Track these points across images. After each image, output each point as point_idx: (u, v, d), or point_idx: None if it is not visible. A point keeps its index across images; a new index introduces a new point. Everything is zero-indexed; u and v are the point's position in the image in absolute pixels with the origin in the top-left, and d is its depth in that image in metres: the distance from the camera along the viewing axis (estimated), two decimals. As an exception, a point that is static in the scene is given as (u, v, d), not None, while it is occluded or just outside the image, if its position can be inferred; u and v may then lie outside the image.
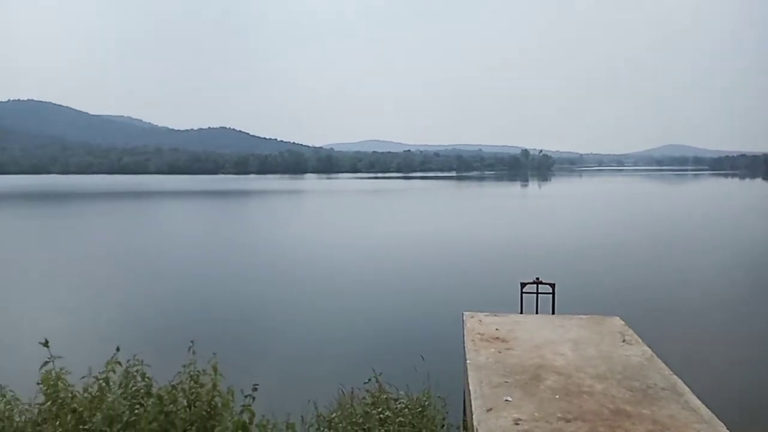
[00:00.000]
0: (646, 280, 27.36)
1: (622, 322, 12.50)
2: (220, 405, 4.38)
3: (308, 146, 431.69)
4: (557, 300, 14.50)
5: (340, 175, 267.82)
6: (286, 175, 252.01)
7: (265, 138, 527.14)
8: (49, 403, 4.19)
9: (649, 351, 10.37)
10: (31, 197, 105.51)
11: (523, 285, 14.61)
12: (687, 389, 8.42)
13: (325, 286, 26.70)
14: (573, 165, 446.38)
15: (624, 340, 10.95)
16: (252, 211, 77.00)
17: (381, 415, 6.86)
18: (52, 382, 4.20)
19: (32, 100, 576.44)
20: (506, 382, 8.99)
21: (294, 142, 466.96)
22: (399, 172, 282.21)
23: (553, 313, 14.41)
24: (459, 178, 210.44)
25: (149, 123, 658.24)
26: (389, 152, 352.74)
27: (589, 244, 39.41)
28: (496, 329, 12.11)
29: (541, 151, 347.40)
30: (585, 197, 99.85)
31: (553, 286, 14.50)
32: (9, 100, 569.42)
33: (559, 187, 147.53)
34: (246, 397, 4.28)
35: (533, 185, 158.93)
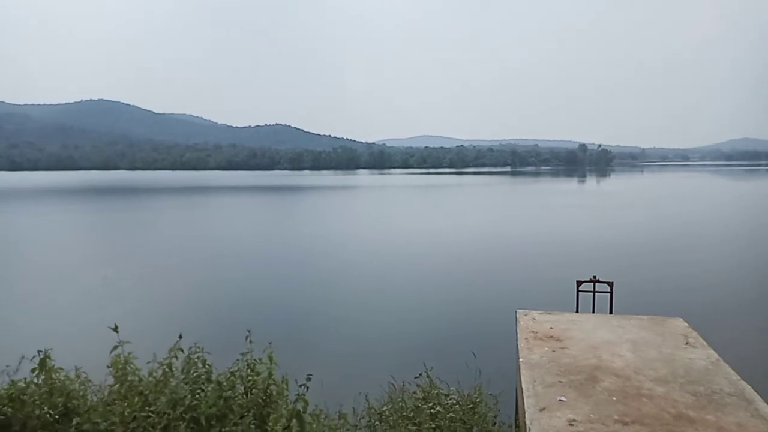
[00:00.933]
0: (711, 281, 25.98)
1: (686, 324, 11.94)
2: (275, 393, 4.52)
3: (361, 142, 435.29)
4: (615, 299, 14.03)
5: (392, 170, 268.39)
6: (339, 171, 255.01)
7: (319, 134, 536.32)
8: (118, 385, 4.46)
9: (715, 354, 9.87)
10: (101, 192, 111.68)
11: (579, 283, 14.20)
12: (757, 396, 7.96)
13: (376, 281, 26.92)
14: (634, 160, 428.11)
15: (687, 343, 10.47)
16: (305, 207, 78.48)
17: (432, 410, 6.87)
18: (120, 366, 4.46)
19: (103, 99, 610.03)
20: (560, 381, 8.79)
21: (347, 138, 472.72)
22: (451, 168, 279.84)
23: (611, 312, 13.95)
24: (513, 174, 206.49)
25: (209, 120, 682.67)
26: (441, 147, 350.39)
27: (649, 242, 37.82)
28: (551, 327, 11.85)
29: (599, 145, 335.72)
30: (646, 193, 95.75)
31: (611, 284, 14.03)
32: (82, 100, 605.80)
33: (618, 183, 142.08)
34: (300, 386, 4.40)
35: (591, 181, 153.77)
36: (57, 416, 4.06)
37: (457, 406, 7.13)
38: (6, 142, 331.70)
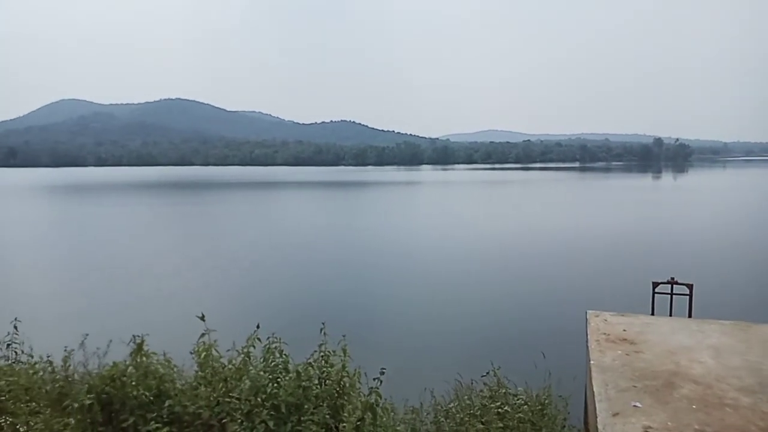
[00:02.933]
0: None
1: (775, 331, 11.13)
2: (347, 385, 4.67)
3: (424, 137, 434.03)
4: (694, 303, 13.30)
5: (456, 166, 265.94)
6: (402, 167, 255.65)
7: (383, 130, 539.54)
8: (203, 370, 4.76)
9: (809, 366, 9.17)
10: (178, 186, 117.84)
11: (655, 285, 13.56)
12: None
13: (442, 277, 26.86)
14: (716, 155, 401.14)
15: (776, 352, 9.77)
16: (370, 202, 79.33)
17: (500, 410, 6.81)
18: (205, 353, 4.76)
19: (179, 99, 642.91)
20: (634, 386, 8.47)
21: (411, 134, 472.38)
22: (517, 163, 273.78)
23: (690, 316, 13.25)
24: (582, 169, 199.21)
25: (277, 117, 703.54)
26: (507, 142, 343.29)
27: (732, 242, 35.46)
28: (624, 330, 11.40)
29: (677, 139, 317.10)
30: (728, 191, 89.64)
31: (690, 287, 13.29)
32: (161, 99, 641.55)
33: (697, 179, 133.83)
34: (374, 380, 4.52)
35: (667, 177, 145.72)
36: (151, 397, 4.39)
37: (526, 406, 7.03)
38: (93, 140, 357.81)
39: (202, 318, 4.81)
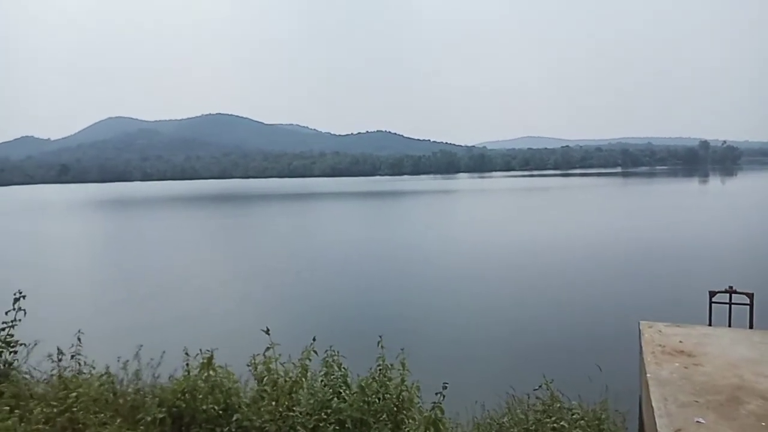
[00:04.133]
0: None
1: None
2: (406, 399, 4.67)
3: (461, 146, 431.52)
4: (756, 313, 12.71)
5: (493, 173, 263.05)
6: (439, 175, 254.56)
7: (418, 139, 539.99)
8: (261, 385, 4.84)
9: None
10: (219, 199, 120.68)
11: (712, 294, 13.03)
12: None
13: (487, 286, 26.50)
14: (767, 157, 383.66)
15: None
16: (406, 211, 79.25)
17: (555, 425, 6.66)
18: (267, 366, 4.84)
19: (220, 113, 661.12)
20: (696, 401, 8.15)
21: (446, 142, 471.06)
22: (556, 169, 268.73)
23: (751, 327, 12.66)
24: (625, 175, 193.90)
25: (314, 129, 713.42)
26: (545, 148, 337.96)
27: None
28: (680, 341, 10.99)
29: (724, 141, 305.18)
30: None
31: (750, 296, 12.72)
32: (202, 114, 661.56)
33: (748, 182, 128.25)
34: (436, 394, 4.50)
35: (715, 181, 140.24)
36: (220, 411, 4.50)
37: (583, 421, 6.86)
38: (139, 155, 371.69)
39: (267, 332, 4.90)
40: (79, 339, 6.72)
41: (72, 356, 6.61)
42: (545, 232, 45.75)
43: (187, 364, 5.74)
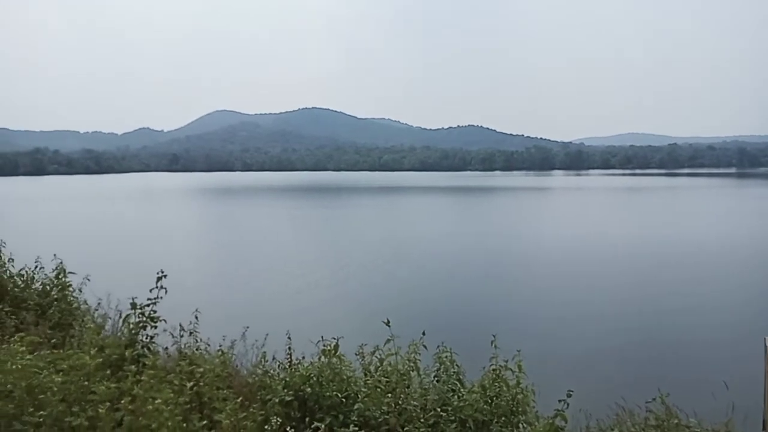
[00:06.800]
0: None
1: None
2: (521, 402, 4.56)
3: (556, 141, 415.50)
4: None
5: (591, 171, 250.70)
6: (532, 172, 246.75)
7: (511, 134, 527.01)
8: (380, 376, 4.94)
9: None
10: (313, 190, 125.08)
11: None
12: None
13: (592, 290, 25.17)
14: None
15: None
16: (497, 207, 77.58)
17: (672, 443, 6.22)
18: (379, 358, 4.93)
19: (316, 107, 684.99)
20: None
21: (541, 138, 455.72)
22: (661, 168, 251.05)
23: None
24: (740, 176, 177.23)
25: (405, 123, 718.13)
26: (649, 146, 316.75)
27: None
28: (814, 363, 9.91)
29: None
30: None
31: None
32: (299, 108, 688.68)
33: None
34: (560, 401, 4.36)
35: None
36: (342, 399, 4.64)
37: (705, 442, 6.35)
38: (240, 147, 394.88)
39: (387, 323, 4.98)
40: (196, 317, 7.25)
41: (190, 333, 7.13)
42: (652, 235, 42.88)
43: (303, 355, 5.98)
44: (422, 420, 4.27)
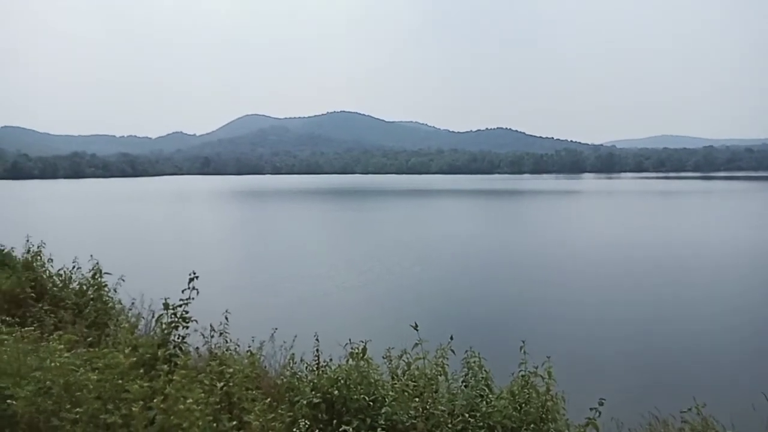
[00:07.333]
0: None
1: None
2: (551, 409, 4.49)
3: (587, 144, 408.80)
4: None
5: (622, 174, 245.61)
6: (562, 175, 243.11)
7: (540, 137, 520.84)
8: (407, 380, 4.93)
9: None
10: (340, 193, 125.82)
11: None
12: None
13: (625, 295, 24.55)
14: None
15: None
16: (526, 210, 76.61)
17: (709, 456, 6.02)
18: (407, 362, 4.93)
19: (343, 111, 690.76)
20: None
21: (571, 140, 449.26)
22: (697, 172, 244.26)
23: None
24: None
25: (433, 126, 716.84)
26: (684, 149, 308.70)
27: None
28: None
29: None
30: None
31: None
32: (327, 112, 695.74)
33: None
34: (591, 410, 4.28)
35: None
36: (370, 402, 4.65)
37: (743, 456, 6.12)
38: (270, 150, 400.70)
39: (416, 327, 4.98)
40: (226, 318, 7.36)
41: (220, 334, 7.25)
42: (686, 239, 41.72)
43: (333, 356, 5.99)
44: (450, 425, 4.24)
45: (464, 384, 4.70)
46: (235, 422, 4.37)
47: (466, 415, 4.30)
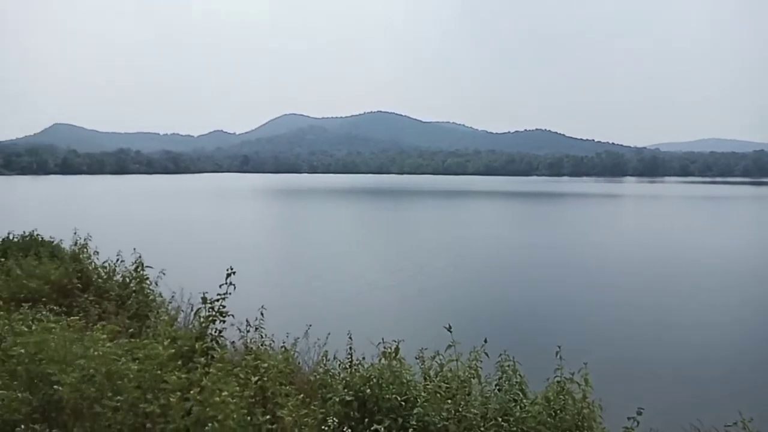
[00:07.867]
0: None
1: None
2: (587, 417, 4.38)
3: (629, 146, 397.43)
4: None
5: (666, 178, 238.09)
6: (602, 178, 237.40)
7: (581, 139, 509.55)
8: (440, 381, 4.90)
9: None
10: (376, 193, 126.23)
11: None
12: None
13: (667, 301, 23.81)
14: None
15: None
16: (560, 214, 75.09)
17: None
18: (440, 363, 4.90)
19: (380, 111, 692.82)
20: None
21: (612, 143, 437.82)
22: (746, 177, 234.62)
23: None
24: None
25: (470, 127, 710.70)
26: (732, 152, 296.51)
27: None
28: None
29: None
30: None
31: None
32: (364, 112, 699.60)
33: None
34: (629, 419, 4.16)
35: None
36: (402, 402, 4.66)
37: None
38: (307, 150, 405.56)
39: (449, 329, 4.95)
40: (261, 314, 7.48)
41: (256, 329, 7.37)
42: (730, 246, 40.10)
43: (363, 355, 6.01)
44: (482, 429, 4.19)
45: (498, 388, 4.64)
46: (268, 416, 4.43)
47: (500, 420, 4.24)
